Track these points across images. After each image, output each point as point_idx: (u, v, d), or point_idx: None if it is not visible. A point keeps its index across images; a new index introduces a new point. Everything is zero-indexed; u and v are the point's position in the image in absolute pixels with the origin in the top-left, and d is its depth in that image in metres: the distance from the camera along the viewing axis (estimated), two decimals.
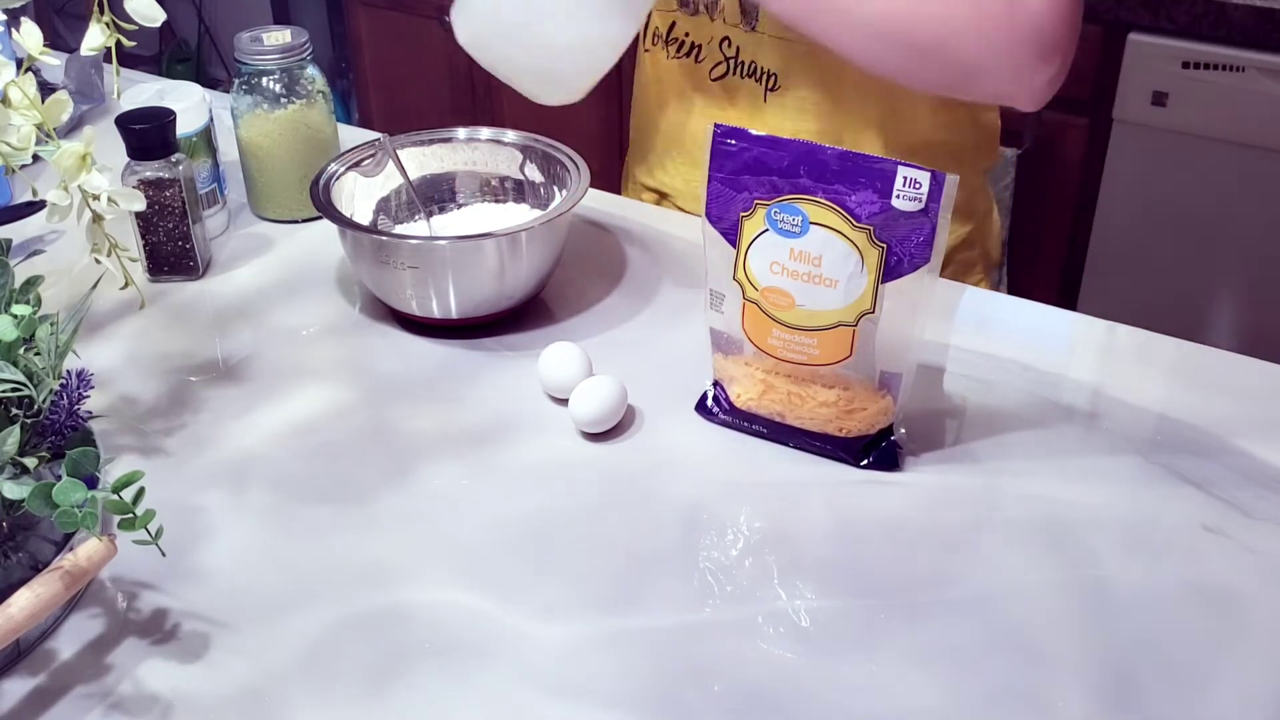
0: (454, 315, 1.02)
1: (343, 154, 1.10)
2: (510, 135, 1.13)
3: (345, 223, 1.01)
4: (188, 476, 0.88)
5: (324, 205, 1.03)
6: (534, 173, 1.12)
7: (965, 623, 0.76)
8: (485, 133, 1.13)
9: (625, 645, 0.75)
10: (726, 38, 1.14)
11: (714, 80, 1.16)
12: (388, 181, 1.11)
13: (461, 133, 1.13)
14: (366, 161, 1.10)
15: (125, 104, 1.12)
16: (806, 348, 0.86)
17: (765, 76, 1.13)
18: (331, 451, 0.91)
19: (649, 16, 1.19)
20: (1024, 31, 0.94)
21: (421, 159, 1.13)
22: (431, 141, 1.13)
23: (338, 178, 1.07)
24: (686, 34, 1.17)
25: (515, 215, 1.11)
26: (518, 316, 1.05)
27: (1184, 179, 1.93)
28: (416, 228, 1.11)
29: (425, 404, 0.96)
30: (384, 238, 1.03)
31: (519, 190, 1.13)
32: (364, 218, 1.09)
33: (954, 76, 0.99)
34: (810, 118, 1.14)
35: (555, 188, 1.09)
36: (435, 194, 1.13)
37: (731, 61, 1.14)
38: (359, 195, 1.09)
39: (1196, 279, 1.98)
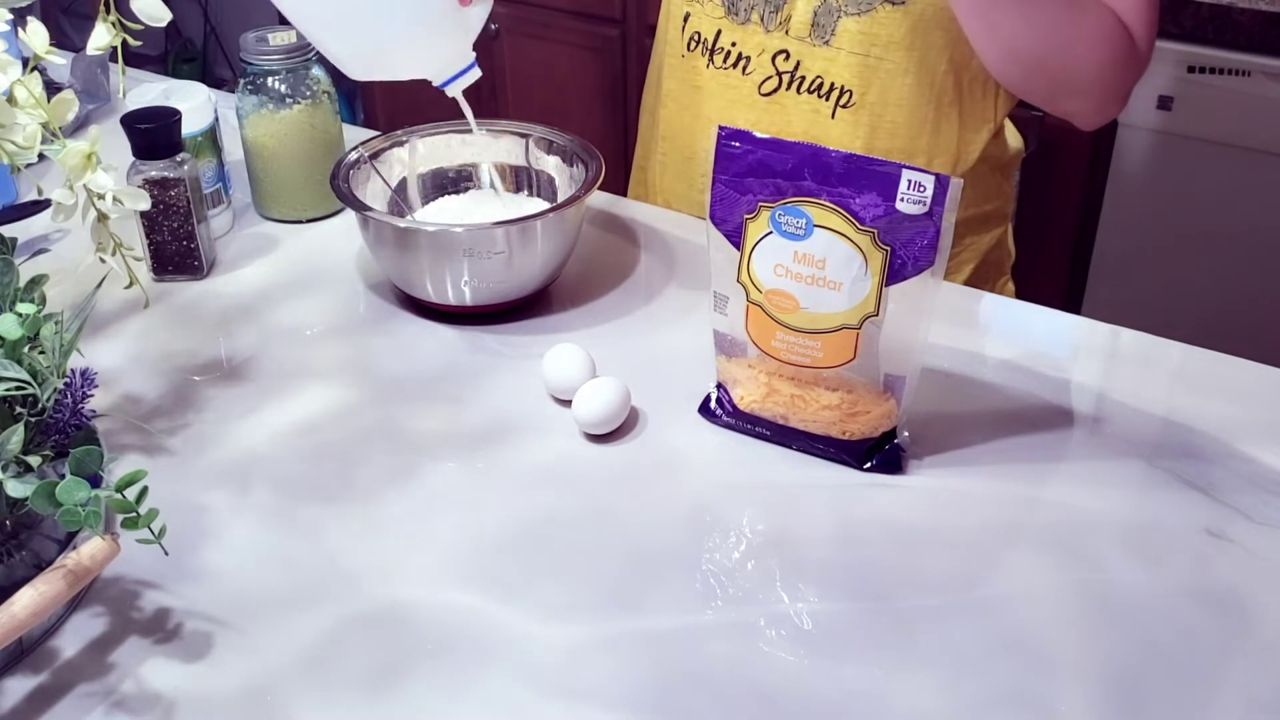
0: (468, 302, 1.03)
1: (360, 144, 1.12)
2: (525, 128, 1.14)
3: (359, 209, 1.02)
4: (191, 476, 0.88)
5: (344, 193, 1.05)
6: (548, 165, 1.13)
7: (968, 626, 0.76)
8: (503, 124, 1.15)
9: (627, 646, 0.75)
10: (784, 51, 1.11)
11: (763, 95, 1.14)
12: (406, 166, 1.13)
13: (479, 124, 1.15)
14: (388, 149, 1.12)
15: (131, 103, 1.12)
16: (810, 350, 0.86)
17: (838, 92, 1.11)
18: (335, 451, 0.91)
19: (686, 19, 1.18)
20: (1129, 77, 1.03)
21: (443, 147, 1.14)
22: (450, 131, 1.14)
23: (356, 166, 1.09)
24: (733, 44, 1.13)
25: (529, 205, 1.12)
26: (523, 315, 1.05)
27: (1189, 183, 1.93)
28: (437, 208, 1.13)
29: (429, 404, 0.96)
30: (404, 224, 1.05)
31: (534, 181, 1.14)
32: (380, 200, 1.11)
33: (1058, 97, 1.07)
34: (884, 135, 1.12)
35: (569, 180, 1.11)
36: (452, 181, 1.15)
37: (787, 76, 1.11)
38: (374, 179, 1.11)
39: (1202, 283, 1.98)
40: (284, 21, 1.06)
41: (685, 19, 1.18)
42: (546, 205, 1.09)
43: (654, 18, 1.30)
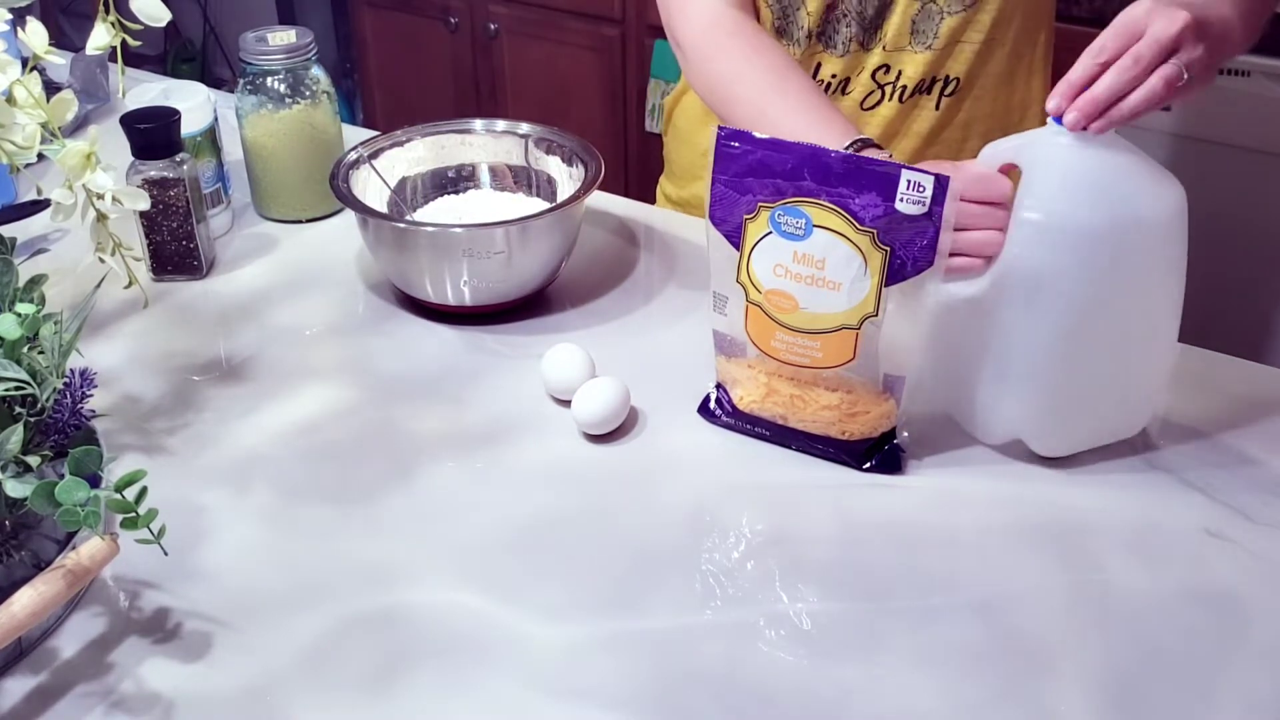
0: (468, 302, 1.03)
1: (359, 144, 1.12)
2: (525, 128, 1.14)
3: (364, 209, 1.02)
4: (190, 476, 0.88)
5: (344, 194, 1.05)
6: (549, 165, 1.13)
7: (967, 626, 0.76)
8: (501, 124, 1.15)
9: (626, 646, 0.75)
10: (884, 65, 1.12)
11: (865, 110, 1.14)
12: (406, 166, 1.13)
13: (478, 124, 1.15)
14: (388, 149, 1.12)
15: (130, 103, 1.12)
16: (809, 350, 0.86)
17: (941, 83, 1.12)
18: (334, 451, 0.91)
19: None
20: None
21: (442, 147, 1.14)
22: (450, 131, 1.14)
23: (355, 166, 1.09)
24: (834, 75, 1.13)
25: (529, 205, 1.12)
26: (522, 315, 1.05)
27: (1188, 184, 1.92)
28: (436, 208, 1.13)
29: (428, 404, 0.96)
30: (403, 224, 1.05)
31: (534, 181, 1.14)
32: (380, 200, 1.10)
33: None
34: (985, 103, 1.14)
35: (569, 180, 1.10)
36: (451, 181, 1.15)
37: (889, 87, 1.12)
38: (374, 179, 1.11)
39: (1201, 284, 1.96)
40: (283, 21, 1.06)
41: None
42: (546, 205, 1.09)
43: (654, 18, 1.30)
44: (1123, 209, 0.81)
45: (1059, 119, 0.80)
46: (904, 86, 1.12)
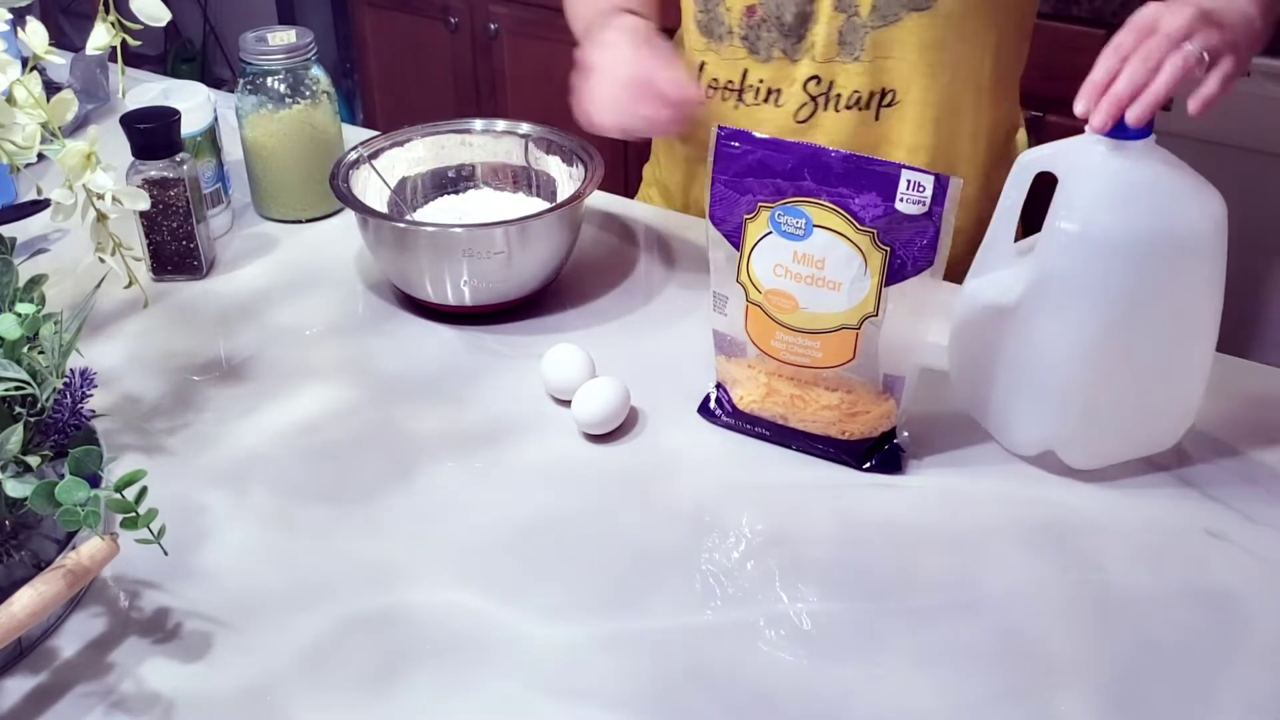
0: (468, 302, 1.03)
1: (359, 144, 1.12)
2: (525, 128, 1.14)
3: (365, 209, 1.02)
4: (190, 476, 0.88)
5: (343, 194, 1.05)
6: (549, 165, 1.13)
7: (967, 626, 0.76)
8: (501, 124, 1.15)
9: (627, 647, 0.75)
10: (815, 77, 1.10)
11: (800, 123, 1.12)
12: (406, 166, 1.13)
13: (478, 124, 1.15)
14: (387, 149, 1.12)
15: (130, 103, 1.12)
16: (809, 350, 0.86)
17: (879, 95, 1.10)
18: (334, 451, 0.91)
19: (701, 67, 1.15)
20: None
21: (442, 147, 1.14)
22: (450, 131, 1.14)
23: (355, 166, 1.09)
24: (761, 80, 1.12)
25: (529, 205, 1.12)
26: (522, 315, 1.05)
27: None
28: (436, 208, 1.13)
29: (428, 404, 0.96)
30: (403, 224, 1.05)
31: (533, 181, 1.14)
32: (380, 200, 1.10)
33: None
34: (928, 130, 1.12)
35: (569, 180, 1.10)
36: (451, 181, 1.15)
37: (822, 98, 1.11)
38: (374, 179, 1.11)
39: None
40: (283, 21, 1.06)
41: (701, 68, 1.15)
42: (546, 205, 1.09)
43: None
44: (1160, 220, 0.79)
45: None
46: (838, 95, 1.10)
